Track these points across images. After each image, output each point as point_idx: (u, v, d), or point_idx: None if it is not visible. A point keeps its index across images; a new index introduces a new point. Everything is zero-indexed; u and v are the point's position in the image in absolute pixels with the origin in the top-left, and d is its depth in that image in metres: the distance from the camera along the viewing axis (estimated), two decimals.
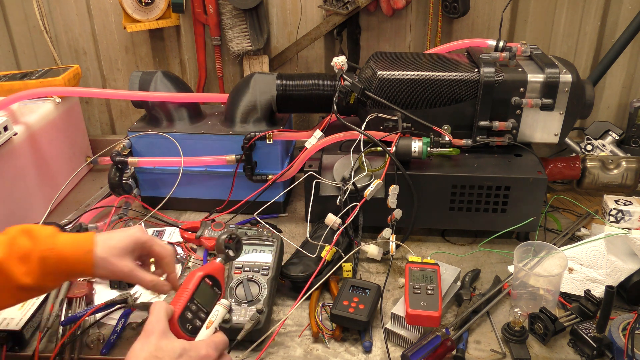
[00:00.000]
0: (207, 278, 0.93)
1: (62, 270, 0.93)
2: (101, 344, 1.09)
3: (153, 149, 1.48)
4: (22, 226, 0.94)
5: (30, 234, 0.93)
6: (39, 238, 0.92)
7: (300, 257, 1.24)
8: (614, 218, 1.38)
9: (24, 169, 1.46)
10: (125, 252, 0.96)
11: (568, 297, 1.17)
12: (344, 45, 1.76)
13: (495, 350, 1.06)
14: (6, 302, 0.93)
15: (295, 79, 1.45)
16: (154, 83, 1.49)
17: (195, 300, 0.90)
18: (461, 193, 1.32)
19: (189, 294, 0.89)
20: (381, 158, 1.36)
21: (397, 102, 1.36)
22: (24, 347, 1.08)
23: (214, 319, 0.90)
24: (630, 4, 1.69)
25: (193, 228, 1.39)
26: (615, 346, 1.01)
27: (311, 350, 1.08)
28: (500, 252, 1.34)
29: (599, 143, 1.63)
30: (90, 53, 1.87)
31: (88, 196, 1.65)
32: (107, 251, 0.94)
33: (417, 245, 1.39)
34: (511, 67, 1.36)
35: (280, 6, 1.75)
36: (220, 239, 0.99)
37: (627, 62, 1.77)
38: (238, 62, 1.84)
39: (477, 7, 1.72)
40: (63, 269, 0.93)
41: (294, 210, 1.56)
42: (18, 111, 1.50)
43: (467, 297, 1.16)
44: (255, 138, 1.41)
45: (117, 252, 0.95)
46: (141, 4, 1.70)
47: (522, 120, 1.35)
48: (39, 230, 0.94)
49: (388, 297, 1.20)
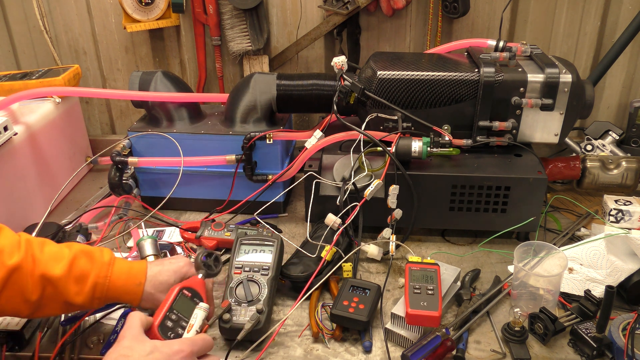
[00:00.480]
0: (185, 290, 1.00)
1: (111, 297, 0.99)
2: (101, 344, 1.09)
3: (153, 149, 1.48)
4: (84, 247, 1.00)
5: (90, 257, 0.98)
6: (98, 263, 0.98)
7: (300, 257, 1.24)
8: (614, 218, 1.38)
9: (24, 169, 1.46)
10: (170, 287, 1.02)
11: (568, 297, 1.17)
12: (344, 45, 1.76)
13: (495, 350, 1.06)
14: (52, 312, 0.99)
15: (295, 79, 1.45)
16: (154, 83, 1.49)
17: (175, 311, 0.97)
18: (461, 193, 1.32)
19: (168, 305, 0.96)
20: (381, 158, 1.35)
21: (397, 102, 1.36)
22: (24, 347, 1.08)
23: (193, 322, 0.97)
24: (630, 4, 1.69)
25: (193, 228, 1.39)
26: (615, 346, 1.01)
27: (311, 350, 1.08)
28: (500, 252, 1.34)
29: (599, 143, 1.63)
30: (90, 53, 1.87)
31: (88, 196, 1.65)
32: (155, 287, 1.01)
33: (417, 245, 1.39)
34: (511, 67, 1.36)
35: (280, 6, 1.76)
36: (198, 257, 1.08)
37: (627, 62, 1.77)
38: (238, 62, 1.84)
39: (477, 7, 1.72)
40: (112, 297, 0.99)
41: (294, 210, 1.56)
42: (18, 111, 1.50)
43: (467, 297, 1.16)
44: (255, 138, 1.41)
45: (163, 288, 1.01)
46: (141, 4, 1.70)
47: (522, 120, 1.35)
48: (99, 255, 0.99)
49: (388, 297, 1.20)
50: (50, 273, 0.93)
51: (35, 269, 0.92)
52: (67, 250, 0.97)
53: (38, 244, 0.95)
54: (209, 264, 1.09)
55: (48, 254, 0.95)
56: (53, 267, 0.93)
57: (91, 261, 0.97)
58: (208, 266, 1.08)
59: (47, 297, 0.94)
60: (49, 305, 0.95)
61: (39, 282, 0.92)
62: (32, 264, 0.92)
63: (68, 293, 0.94)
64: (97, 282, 0.96)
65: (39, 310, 0.94)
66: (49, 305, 0.95)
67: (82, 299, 0.96)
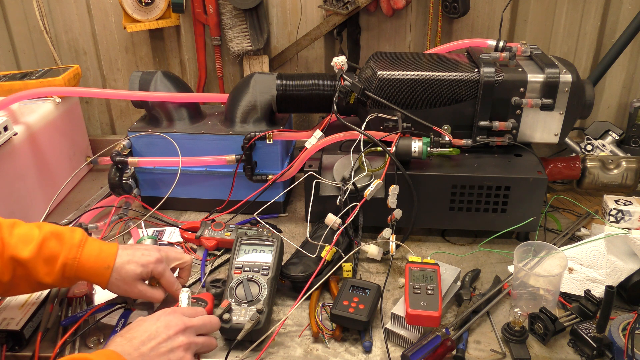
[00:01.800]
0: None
1: (80, 278, 1.03)
2: (101, 344, 1.09)
3: (153, 149, 1.48)
4: (54, 228, 1.02)
5: (60, 238, 1.00)
6: (67, 245, 1.00)
7: (300, 257, 1.24)
8: (614, 218, 1.38)
9: (24, 169, 1.46)
10: (137, 279, 1.06)
11: (568, 297, 1.17)
12: (344, 45, 1.76)
13: (495, 350, 1.06)
14: (25, 291, 1.04)
15: (295, 79, 1.45)
16: (154, 83, 1.49)
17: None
18: (461, 193, 1.32)
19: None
20: (381, 158, 1.36)
21: (397, 102, 1.36)
22: (24, 347, 1.08)
23: (180, 304, 1.03)
24: (630, 4, 1.69)
25: (193, 228, 1.39)
26: (615, 346, 1.01)
27: (311, 350, 1.08)
28: (500, 252, 1.34)
29: (599, 143, 1.63)
30: (90, 53, 1.87)
31: (88, 196, 1.65)
32: (121, 275, 1.04)
33: (417, 245, 1.39)
34: (511, 67, 1.36)
35: (280, 6, 1.76)
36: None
37: (627, 62, 1.77)
38: (238, 62, 1.84)
39: (477, 7, 1.72)
40: (80, 277, 1.03)
41: (294, 210, 1.56)
42: (18, 111, 1.50)
43: (467, 297, 1.16)
44: (255, 138, 1.41)
45: (129, 278, 1.04)
46: (141, 4, 1.70)
47: (522, 120, 1.35)
48: (69, 237, 1.01)
49: (388, 297, 1.20)
50: (19, 255, 0.96)
51: (4, 251, 0.96)
52: (37, 231, 0.99)
53: (7, 227, 0.99)
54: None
55: (17, 237, 0.98)
56: (22, 250, 0.97)
57: (61, 242, 1.00)
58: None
59: (18, 278, 0.98)
60: (21, 284, 0.99)
61: (9, 264, 0.96)
62: (1, 247, 0.96)
63: (38, 274, 0.98)
64: (66, 263, 0.99)
65: (12, 289, 1.00)
66: (21, 284, 1.00)
67: (52, 279, 0.99)
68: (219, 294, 1.16)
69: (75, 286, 1.19)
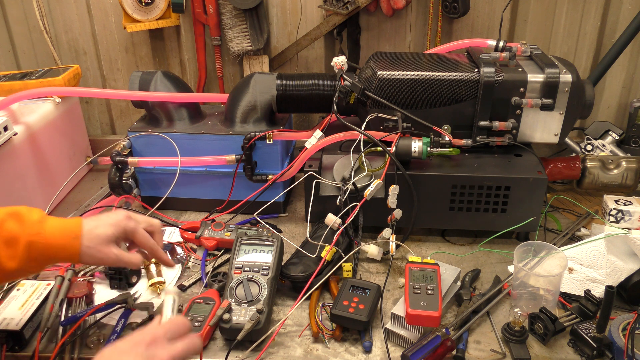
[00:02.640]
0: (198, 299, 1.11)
1: (48, 256, 0.93)
2: (101, 344, 1.09)
3: (153, 149, 1.48)
4: (10, 208, 0.93)
5: (18, 217, 0.92)
6: (27, 222, 0.92)
7: (300, 257, 1.24)
8: (614, 218, 1.38)
9: (24, 169, 1.46)
10: (111, 241, 0.96)
11: (568, 297, 1.17)
12: (344, 45, 1.76)
13: (495, 350, 1.06)
14: None
15: (295, 79, 1.45)
16: (154, 83, 1.49)
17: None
18: (461, 193, 1.32)
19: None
20: (381, 158, 1.36)
21: (397, 102, 1.36)
22: (24, 347, 1.08)
23: (164, 310, 0.88)
24: (630, 4, 1.69)
25: (193, 228, 1.39)
26: (615, 346, 1.01)
27: (311, 350, 1.08)
28: (500, 252, 1.34)
29: (599, 143, 1.63)
30: (90, 53, 1.87)
31: (88, 196, 1.65)
32: (92, 240, 0.94)
33: (417, 245, 1.39)
34: (511, 67, 1.36)
35: (280, 6, 1.76)
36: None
37: (627, 62, 1.77)
38: (238, 62, 1.84)
39: (477, 7, 1.72)
40: (49, 255, 0.93)
41: (294, 210, 1.56)
42: (18, 111, 1.50)
43: (467, 297, 1.16)
44: (255, 138, 1.41)
45: (102, 241, 0.95)
46: (141, 4, 1.70)
47: (522, 120, 1.35)
48: (28, 214, 0.93)
49: (388, 297, 1.20)
50: None
51: None
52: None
53: None
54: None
55: None
56: None
57: (20, 222, 0.91)
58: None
59: None
60: None
61: None
62: None
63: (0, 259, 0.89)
64: (31, 241, 0.90)
65: None
66: None
67: (17, 263, 0.90)
68: (222, 287, 1.15)
69: (75, 286, 1.19)
